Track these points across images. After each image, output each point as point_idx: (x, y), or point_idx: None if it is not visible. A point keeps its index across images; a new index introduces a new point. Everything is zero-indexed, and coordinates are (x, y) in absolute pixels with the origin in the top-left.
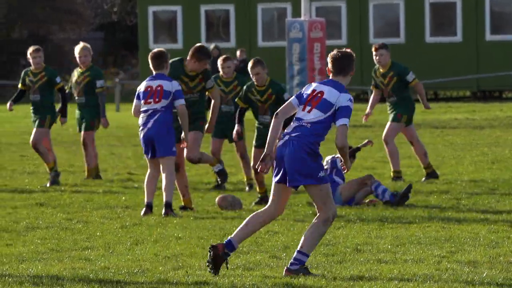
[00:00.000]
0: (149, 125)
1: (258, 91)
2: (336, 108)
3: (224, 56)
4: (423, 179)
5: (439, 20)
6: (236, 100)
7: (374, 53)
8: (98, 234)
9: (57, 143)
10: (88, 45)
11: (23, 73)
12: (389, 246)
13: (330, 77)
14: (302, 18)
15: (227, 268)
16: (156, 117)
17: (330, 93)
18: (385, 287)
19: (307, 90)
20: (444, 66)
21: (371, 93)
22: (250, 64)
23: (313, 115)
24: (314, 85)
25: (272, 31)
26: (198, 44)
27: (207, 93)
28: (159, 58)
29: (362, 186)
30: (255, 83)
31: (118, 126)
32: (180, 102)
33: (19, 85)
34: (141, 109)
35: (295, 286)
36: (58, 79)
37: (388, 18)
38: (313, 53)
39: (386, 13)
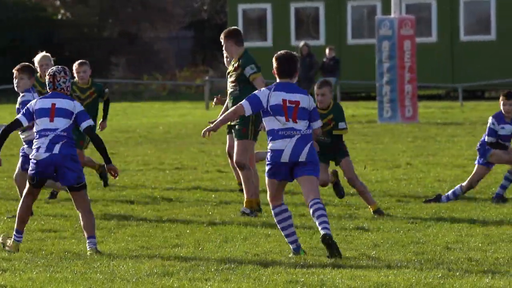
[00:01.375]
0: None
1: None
2: None
3: (80, 61)
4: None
5: None
6: None
7: None
8: (187, 231)
9: (147, 141)
10: (49, 54)
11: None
12: (480, 244)
13: None
14: (392, 15)
15: None
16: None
17: None
18: (476, 285)
19: None
20: None
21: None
22: (317, 85)
23: None
24: None
25: (362, 28)
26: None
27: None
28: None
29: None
30: (318, 104)
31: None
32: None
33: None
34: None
35: (387, 285)
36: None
37: (479, 15)
38: (403, 51)
39: (477, 10)
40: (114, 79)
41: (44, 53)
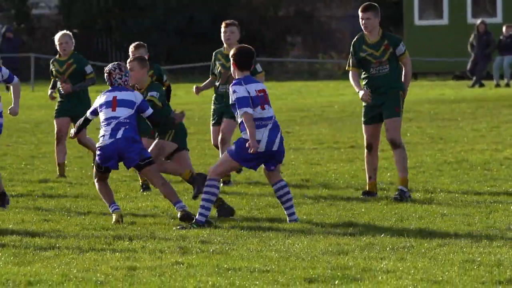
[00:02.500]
0: None
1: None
2: None
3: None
4: None
5: None
6: None
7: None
8: (362, 210)
9: (322, 120)
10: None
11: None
12: None
13: None
14: None
15: None
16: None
17: None
18: None
19: None
20: None
21: None
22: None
23: None
24: None
25: None
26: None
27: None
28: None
29: None
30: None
31: None
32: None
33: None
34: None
35: None
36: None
37: None
38: None
39: None
40: (290, 58)
41: (64, 31)
